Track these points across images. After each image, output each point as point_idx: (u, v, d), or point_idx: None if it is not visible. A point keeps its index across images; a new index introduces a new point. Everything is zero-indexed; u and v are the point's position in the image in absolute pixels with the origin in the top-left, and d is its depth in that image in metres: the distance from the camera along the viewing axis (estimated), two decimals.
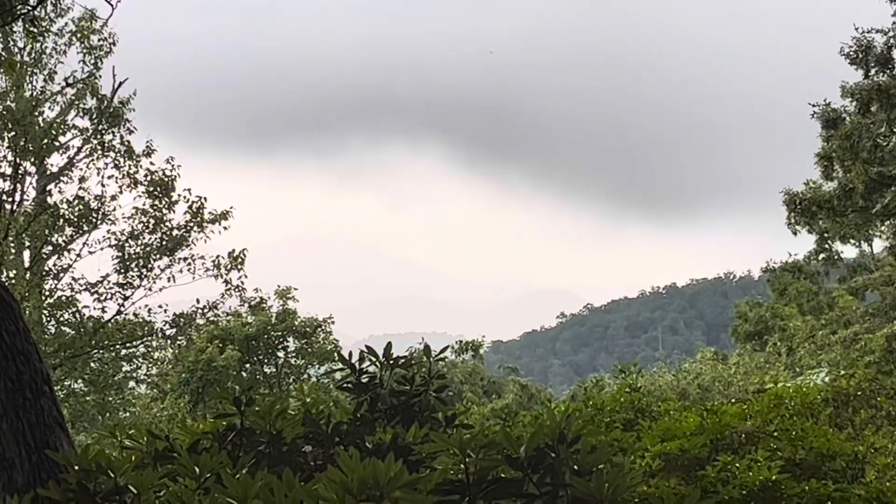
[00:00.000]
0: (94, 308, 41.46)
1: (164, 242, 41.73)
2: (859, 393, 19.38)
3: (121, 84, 42.04)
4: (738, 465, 13.69)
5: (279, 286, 52.20)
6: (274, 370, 52.57)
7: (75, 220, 40.89)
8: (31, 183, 42.04)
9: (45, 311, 41.18)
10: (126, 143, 41.95)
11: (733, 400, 21.56)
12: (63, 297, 41.35)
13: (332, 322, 53.07)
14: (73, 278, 41.56)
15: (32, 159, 41.35)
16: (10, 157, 40.76)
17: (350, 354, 9.08)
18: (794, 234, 40.94)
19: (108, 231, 41.44)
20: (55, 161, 42.27)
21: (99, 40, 42.23)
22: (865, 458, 15.71)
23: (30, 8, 13.19)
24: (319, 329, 52.33)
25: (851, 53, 37.68)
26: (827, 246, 43.40)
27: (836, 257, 44.46)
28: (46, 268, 41.61)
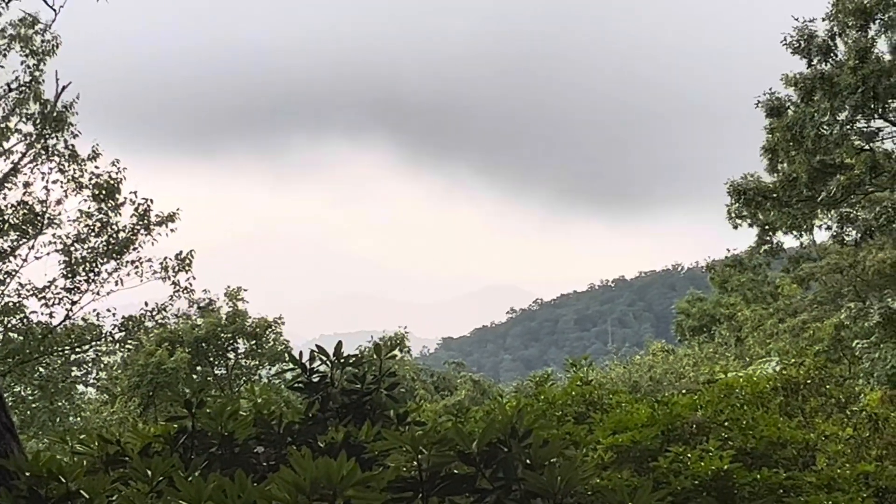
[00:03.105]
0: (42, 313, 41.20)
1: (110, 246, 41.46)
2: (808, 381, 19.49)
3: (64, 88, 41.72)
4: (689, 455, 13.72)
5: (228, 287, 52.03)
6: (225, 372, 52.37)
7: (20, 224, 40.56)
8: None
9: None
10: (70, 147, 41.68)
11: (684, 391, 21.63)
12: (10, 304, 41.03)
13: (283, 322, 52.98)
14: (20, 284, 41.26)
15: None
16: None
17: (300, 354, 9.04)
18: (735, 227, 41.19)
19: (53, 235, 41.18)
20: None
21: (42, 42, 41.87)
22: (816, 446, 15.79)
23: None
24: (270, 330, 52.18)
25: (794, 43, 37.98)
26: (768, 237, 43.67)
27: (777, 248, 44.72)
28: None
